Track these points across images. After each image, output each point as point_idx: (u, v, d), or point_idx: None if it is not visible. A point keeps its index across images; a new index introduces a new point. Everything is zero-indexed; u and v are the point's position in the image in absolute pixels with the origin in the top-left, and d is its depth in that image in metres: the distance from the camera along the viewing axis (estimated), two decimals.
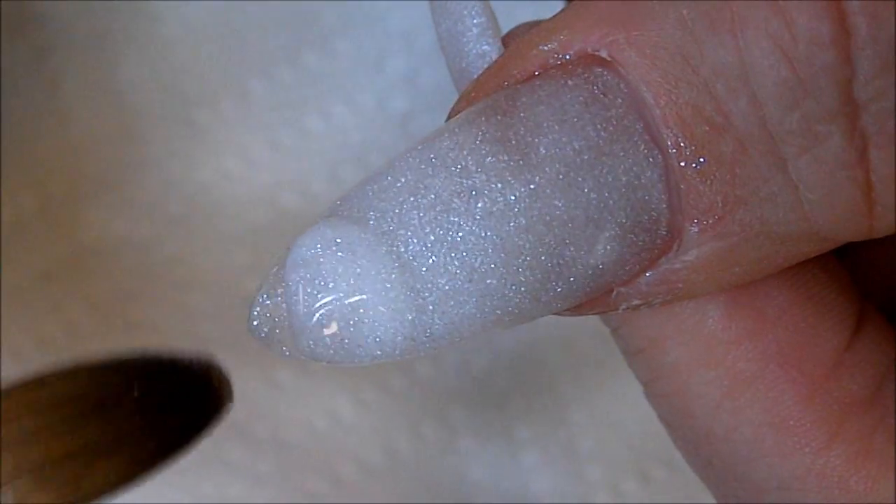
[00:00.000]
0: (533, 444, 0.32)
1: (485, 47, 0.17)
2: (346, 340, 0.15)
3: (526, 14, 0.18)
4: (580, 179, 0.15)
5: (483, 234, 0.15)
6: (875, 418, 0.17)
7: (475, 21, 0.17)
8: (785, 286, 0.17)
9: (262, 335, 0.16)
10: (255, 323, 0.16)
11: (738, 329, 0.17)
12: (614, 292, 0.16)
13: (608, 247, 0.15)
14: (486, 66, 0.17)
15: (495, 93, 0.15)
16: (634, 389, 0.19)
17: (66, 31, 0.32)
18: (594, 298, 0.16)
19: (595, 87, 0.15)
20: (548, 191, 0.15)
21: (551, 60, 0.15)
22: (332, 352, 0.15)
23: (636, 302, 0.16)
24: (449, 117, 0.16)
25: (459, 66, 0.17)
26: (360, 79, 0.32)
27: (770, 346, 0.17)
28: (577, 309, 0.16)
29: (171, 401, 0.15)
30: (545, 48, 0.15)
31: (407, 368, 0.32)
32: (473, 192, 0.15)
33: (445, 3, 0.17)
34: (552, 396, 0.32)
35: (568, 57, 0.15)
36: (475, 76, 0.16)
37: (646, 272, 0.16)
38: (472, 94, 0.16)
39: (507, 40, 0.17)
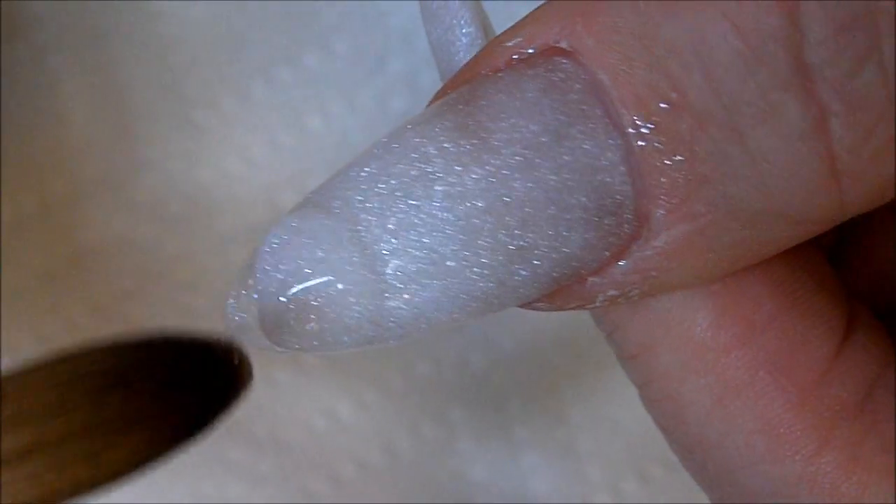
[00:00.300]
0: (533, 444, 0.32)
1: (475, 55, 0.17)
2: (313, 326, 0.15)
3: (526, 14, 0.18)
4: (538, 161, 0.15)
5: (442, 216, 0.15)
6: (865, 424, 0.17)
7: (465, 31, 0.17)
8: (774, 293, 0.17)
9: (237, 327, 0.16)
10: (230, 314, 0.16)
11: (728, 337, 0.17)
12: (588, 282, 0.16)
13: (572, 230, 0.15)
14: None
15: (461, 87, 0.16)
16: (634, 390, 0.19)
17: (66, 31, 0.32)
18: (567, 288, 0.16)
19: (553, 76, 0.15)
20: (505, 172, 0.15)
21: (516, 56, 0.15)
22: (301, 339, 0.16)
23: (612, 293, 0.16)
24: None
25: (450, 74, 0.17)
26: (360, 79, 0.32)
27: (759, 353, 0.17)
28: (552, 300, 0.16)
29: (192, 380, 0.15)
30: (510, 44, 0.16)
31: (406, 368, 0.32)
32: (432, 177, 0.15)
33: (436, 12, 0.18)
34: (552, 396, 0.32)
35: (531, 51, 0.15)
36: None
37: (618, 261, 0.16)
38: (440, 93, 0.16)
39: None
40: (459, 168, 0.15)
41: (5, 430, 0.14)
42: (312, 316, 0.15)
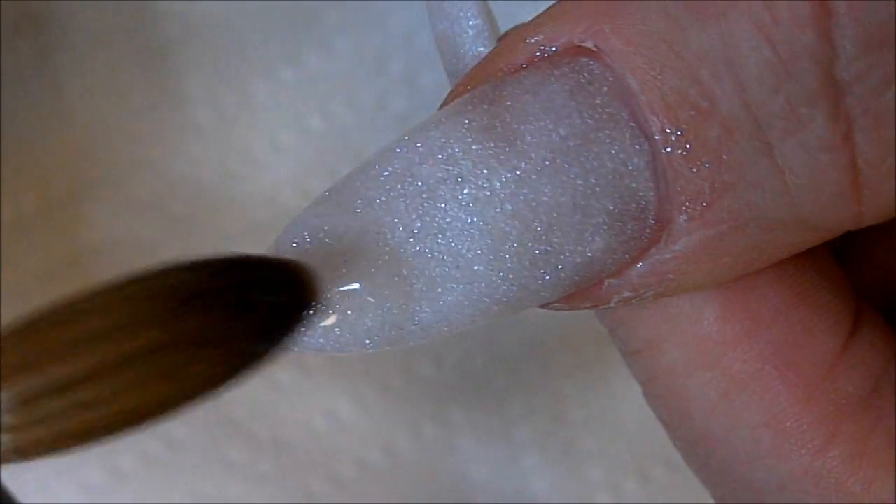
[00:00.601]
0: (533, 445, 0.32)
1: (481, 49, 0.17)
2: (336, 331, 0.15)
3: (526, 14, 0.18)
4: (566, 166, 0.15)
5: (469, 220, 0.15)
6: (872, 419, 0.17)
7: (471, 23, 0.17)
8: (780, 288, 0.17)
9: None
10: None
11: (734, 331, 0.17)
12: (605, 284, 0.16)
13: (596, 235, 0.15)
14: None
15: (482, 85, 0.15)
16: (634, 389, 0.19)
17: (67, 31, 0.32)
18: (584, 290, 0.16)
19: (581, 77, 0.15)
20: (533, 177, 0.15)
21: (538, 53, 0.15)
22: (322, 342, 0.15)
23: (627, 294, 0.16)
24: (438, 109, 0.16)
25: (456, 68, 0.17)
26: (360, 79, 0.32)
27: (766, 347, 0.17)
28: (568, 301, 0.16)
29: (264, 298, 0.15)
30: (532, 41, 0.15)
31: (407, 368, 0.32)
32: (459, 179, 0.15)
33: (442, 5, 0.17)
34: (552, 396, 0.32)
35: (554, 49, 0.15)
36: None
37: (636, 263, 0.16)
38: (461, 88, 0.16)
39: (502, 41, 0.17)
40: (487, 171, 0.15)
41: (86, 349, 0.14)
42: (335, 320, 0.15)
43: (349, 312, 0.15)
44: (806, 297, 0.17)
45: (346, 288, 0.15)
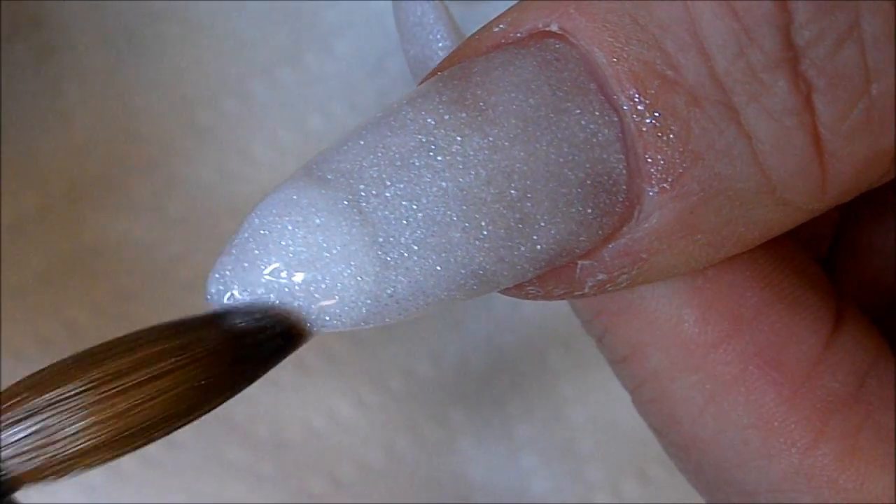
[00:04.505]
0: (533, 444, 0.32)
1: None
2: (304, 303, 0.15)
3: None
4: (538, 134, 0.15)
5: (444, 185, 0.15)
6: (860, 415, 0.17)
7: (440, 45, 0.18)
8: (758, 287, 0.17)
9: (217, 298, 0.16)
10: (213, 289, 0.16)
11: (715, 332, 0.17)
12: (578, 266, 0.16)
13: (570, 206, 0.15)
14: None
15: (452, 67, 0.16)
16: None
17: (67, 31, 0.32)
18: (557, 271, 0.16)
19: (547, 54, 0.15)
20: (506, 143, 0.15)
21: (504, 40, 0.16)
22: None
23: (601, 277, 0.16)
24: None
25: None
26: (361, 79, 0.32)
27: (748, 347, 0.17)
28: (542, 284, 0.16)
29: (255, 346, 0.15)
30: (497, 29, 0.16)
31: (407, 369, 0.32)
32: (432, 147, 0.15)
33: (412, 30, 0.18)
34: (552, 396, 0.32)
35: (520, 35, 0.15)
36: None
37: (609, 243, 0.16)
38: (428, 75, 0.16)
39: None
40: (460, 138, 0.15)
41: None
42: (307, 290, 0.15)
43: (322, 281, 0.15)
44: (785, 296, 0.17)
45: (317, 255, 0.15)
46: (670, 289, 0.17)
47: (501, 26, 0.16)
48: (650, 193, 0.15)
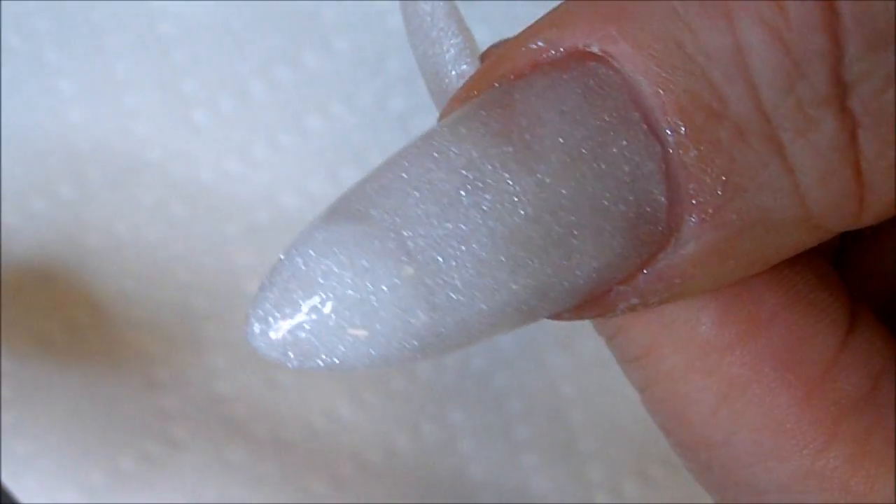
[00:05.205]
0: (533, 444, 0.32)
1: (463, 67, 0.17)
2: (344, 347, 0.15)
3: (526, 13, 0.18)
4: (584, 169, 0.15)
5: (492, 226, 0.14)
6: (872, 418, 0.17)
7: (452, 41, 0.17)
8: (775, 290, 0.17)
9: (264, 347, 0.15)
10: (256, 329, 0.15)
11: (731, 334, 0.17)
12: (613, 291, 0.16)
13: (613, 238, 0.15)
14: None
15: (488, 90, 0.15)
16: (634, 390, 0.19)
17: (66, 31, 0.32)
18: (595, 297, 0.16)
19: (590, 80, 0.15)
20: (552, 180, 0.15)
21: (542, 58, 0.15)
22: (331, 363, 0.15)
23: (634, 301, 0.16)
24: (440, 120, 0.16)
25: (439, 87, 0.17)
26: (360, 79, 0.32)
27: (763, 349, 0.17)
28: (577, 311, 0.16)
29: None
30: (534, 46, 0.15)
31: (407, 369, 0.32)
32: (479, 184, 0.14)
33: (421, 26, 0.17)
34: (552, 396, 0.32)
35: (558, 53, 0.15)
36: None
37: (644, 269, 0.15)
38: (463, 95, 0.16)
39: (484, 58, 0.17)
40: (507, 175, 0.14)
41: None
42: (346, 335, 0.14)
43: (364, 327, 0.14)
44: (801, 298, 0.17)
45: (362, 298, 0.14)
46: None
47: (540, 43, 0.15)
48: (690, 223, 0.15)
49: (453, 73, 0.17)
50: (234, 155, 0.32)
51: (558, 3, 0.16)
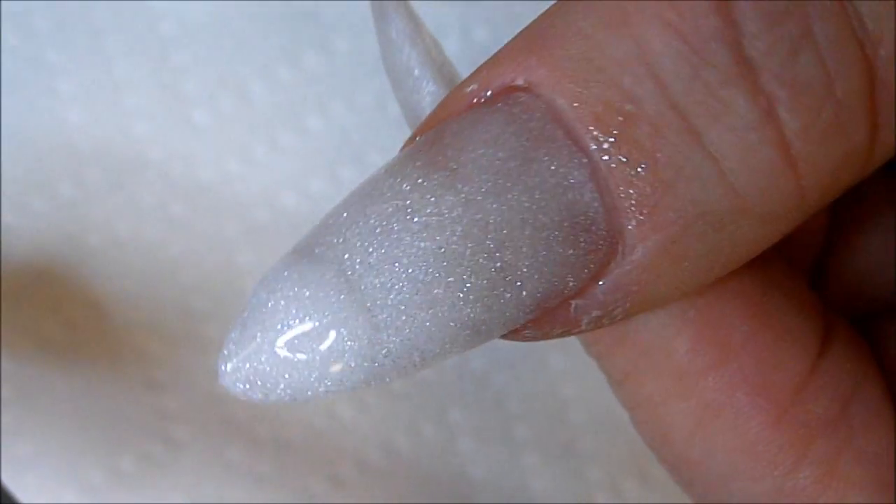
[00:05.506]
0: (533, 444, 0.32)
1: None
2: (299, 375, 0.16)
3: (526, 13, 0.18)
4: (509, 185, 0.15)
5: (423, 245, 0.15)
6: (842, 438, 0.17)
7: (429, 89, 0.19)
8: (747, 316, 0.17)
9: (229, 383, 0.16)
10: (222, 367, 0.16)
11: (705, 361, 0.17)
12: (572, 305, 0.16)
13: (549, 249, 0.15)
14: None
15: (426, 133, 0.16)
16: None
17: (66, 31, 0.32)
18: (552, 312, 0.16)
19: (515, 108, 0.15)
20: (479, 198, 0.15)
21: (475, 100, 0.16)
22: (290, 392, 0.16)
23: (596, 313, 0.16)
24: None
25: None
26: (360, 79, 0.32)
27: (736, 375, 0.17)
28: (538, 325, 0.16)
29: None
30: (468, 90, 0.16)
31: None
32: (409, 210, 0.15)
33: (400, 76, 0.19)
34: (552, 396, 0.32)
35: (490, 94, 0.16)
36: None
37: (598, 280, 0.16)
38: (408, 142, 0.16)
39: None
40: (434, 199, 0.15)
41: None
42: (303, 362, 0.15)
43: (319, 351, 0.15)
44: (773, 324, 0.17)
45: (312, 327, 0.15)
46: (662, 320, 0.17)
47: (473, 87, 0.16)
48: (629, 227, 0.15)
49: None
50: (234, 155, 0.32)
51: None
